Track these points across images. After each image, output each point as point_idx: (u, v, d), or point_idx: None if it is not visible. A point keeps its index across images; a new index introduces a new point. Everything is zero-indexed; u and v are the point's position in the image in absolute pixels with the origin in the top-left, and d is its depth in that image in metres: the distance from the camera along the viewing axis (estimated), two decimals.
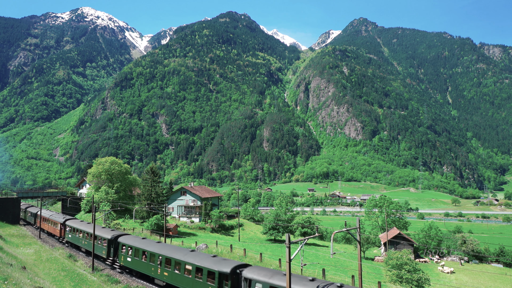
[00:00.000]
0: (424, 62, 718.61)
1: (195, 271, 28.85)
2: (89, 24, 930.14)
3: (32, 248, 48.39)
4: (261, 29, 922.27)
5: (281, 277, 23.20)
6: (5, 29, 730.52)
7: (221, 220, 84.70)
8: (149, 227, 65.99)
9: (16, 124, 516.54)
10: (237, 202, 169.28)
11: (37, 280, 28.22)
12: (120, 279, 35.70)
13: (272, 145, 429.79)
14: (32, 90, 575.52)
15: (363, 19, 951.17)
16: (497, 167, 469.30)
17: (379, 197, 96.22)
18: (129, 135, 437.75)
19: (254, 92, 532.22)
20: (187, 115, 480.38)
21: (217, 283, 26.59)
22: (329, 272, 42.48)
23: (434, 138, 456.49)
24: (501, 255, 78.22)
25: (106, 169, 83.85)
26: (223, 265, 27.19)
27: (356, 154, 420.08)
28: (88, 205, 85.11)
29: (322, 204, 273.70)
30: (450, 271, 61.78)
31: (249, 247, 60.54)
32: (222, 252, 48.30)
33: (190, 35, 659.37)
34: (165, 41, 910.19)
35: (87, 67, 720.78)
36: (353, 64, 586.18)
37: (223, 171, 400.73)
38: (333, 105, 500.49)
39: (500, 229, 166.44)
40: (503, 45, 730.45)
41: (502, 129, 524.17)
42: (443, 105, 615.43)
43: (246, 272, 25.24)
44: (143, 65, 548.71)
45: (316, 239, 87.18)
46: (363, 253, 71.62)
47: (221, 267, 26.98)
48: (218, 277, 26.66)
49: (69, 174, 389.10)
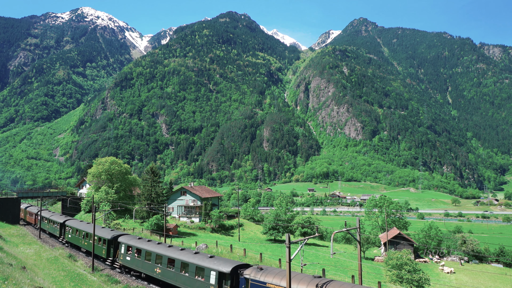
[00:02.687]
0: (424, 62, 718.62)
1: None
2: (89, 24, 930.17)
3: (32, 248, 48.40)
4: (261, 29, 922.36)
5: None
6: (5, 29, 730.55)
7: (221, 220, 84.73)
8: (149, 227, 65.98)
9: (16, 124, 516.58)
10: (237, 202, 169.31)
11: (37, 280, 28.22)
12: (120, 279, 35.72)
13: (272, 145, 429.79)
14: (32, 90, 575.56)
15: (363, 19, 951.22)
16: (497, 167, 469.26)
17: (379, 197, 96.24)
18: (129, 135, 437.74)
19: (254, 92, 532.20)
20: (187, 115, 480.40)
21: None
22: (329, 272, 42.48)
23: (434, 138, 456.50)
24: (501, 255, 78.26)
25: (106, 169, 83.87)
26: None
27: (356, 154, 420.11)
28: (88, 205, 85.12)
29: (322, 204, 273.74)
30: (450, 271, 61.78)
31: (249, 247, 60.55)
32: (222, 252, 48.29)
33: (190, 35, 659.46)
34: (165, 41, 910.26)
35: (87, 67, 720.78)
36: (353, 64, 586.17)
37: (223, 171, 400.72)
38: (333, 105, 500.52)
39: (500, 229, 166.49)
40: (503, 45, 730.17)
41: (502, 129, 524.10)
42: (443, 105, 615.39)
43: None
44: (143, 65, 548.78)
45: (316, 239, 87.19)
46: (363, 253, 71.62)
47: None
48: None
49: (69, 174, 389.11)
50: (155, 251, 34.10)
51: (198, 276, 28.74)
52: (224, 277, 26.67)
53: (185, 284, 29.75)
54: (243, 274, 25.64)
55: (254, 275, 24.65)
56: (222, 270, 26.80)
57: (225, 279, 26.58)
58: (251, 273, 25.08)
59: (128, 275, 37.84)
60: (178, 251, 32.36)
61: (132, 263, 36.77)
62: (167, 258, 32.09)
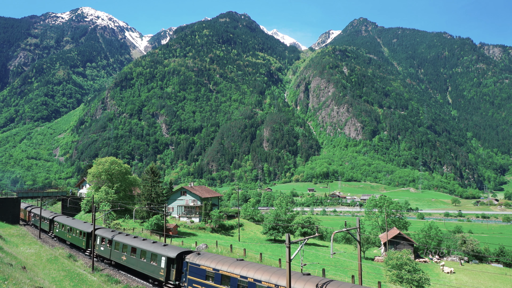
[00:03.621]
0: (424, 62, 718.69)
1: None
2: (89, 24, 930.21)
3: (32, 248, 48.40)
4: (261, 29, 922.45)
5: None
6: (5, 29, 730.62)
7: (221, 220, 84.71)
8: (149, 227, 65.95)
9: (16, 124, 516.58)
10: (237, 202, 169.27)
11: (37, 280, 28.23)
12: (120, 279, 35.73)
13: (272, 145, 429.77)
14: (32, 90, 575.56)
15: (363, 19, 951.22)
16: (497, 167, 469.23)
17: (379, 197, 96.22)
18: (129, 135, 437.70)
19: (254, 92, 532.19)
20: (187, 115, 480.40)
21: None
22: (329, 272, 42.48)
23: (434, 138, 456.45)
24: (501, 255, 78.26)
25: (106, 169, 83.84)
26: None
27: (356, 154, 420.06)
28: (88, 205, 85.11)
29: (322, 204, 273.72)
30: (450, 271, 61.79)
31: (249, 247, 60.55)
32: (222, 252, 48.29)
33: (190, 35, 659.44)
34: (165, 41, 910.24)
35: (87, 67, 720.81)
36: (353, 64, 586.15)
37: (223, 171, 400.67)
38: (333, 105, 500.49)
39: (500, 229, 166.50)
40: (503, 45, 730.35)
41: (502, 129, 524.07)
42: (443, 105, 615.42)
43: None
44: (143, 65, 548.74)
45: (316, 239, 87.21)
46: (363, 253, 71.63)
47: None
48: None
49: (69, 174, 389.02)
50: (121, 241, 39.17)
51: (153, 261, 33.75)
52: (172, 261, 31.90)
53: (143, 268, 34.88)
54: (185, 259, 30.66)
55: (193, 259, 29.86)
56: (170, 256, 31.97)
57: (172, 263, 31.84)
58: (190, 257, 30.25)
59: (102, 262, 42.89)
60: (140, 241, 37.45)
61: (105, 252, 41.85)
62: (130, 247, 37.35)
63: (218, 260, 28.00)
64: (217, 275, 26.88)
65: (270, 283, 23.19)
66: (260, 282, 23.51)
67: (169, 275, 32.00)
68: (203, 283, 27.71)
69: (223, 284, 26.43)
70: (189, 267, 29.70)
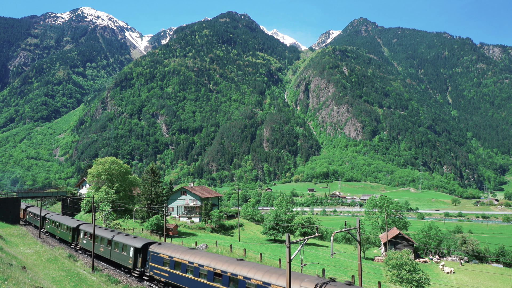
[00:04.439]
0: (424, 62, 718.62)
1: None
2: (89, 24, 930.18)
3: (32, 248, 48.40)
4: (261, 29, 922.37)
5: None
6: (5, 29, 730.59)
7: (221, 220, 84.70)
8: (149, 227, 65.93)
9: (16, 124, 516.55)
10: (237, 202, 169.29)
11: (37, 280, 28.23)
12: (120, 279, 35.73)
13: (272, 145, 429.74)
14: (32, 90, 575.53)
15: (363, 19, 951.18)
16: (497, 167, 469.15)
17: (379, 197, 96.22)
18: (129, 135, 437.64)
19: (254, 92, 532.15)
20: (187, 115, 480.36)
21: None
22: (329, 272, 42.49)
23: (434, 138, 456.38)
24: (501, 255, 78.24)
25: (106, 169, 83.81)
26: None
27: (356, 154, 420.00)
28: (88, 205, 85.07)
29: (322, 204, 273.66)
30: (450, 271, 61.79)
31: (249, 247, 60.55)
32: (222, 252, 48.29)
33: (190, 35, 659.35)
34: (165, 41, 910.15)
35: (87, 67, 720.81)
36: (353, 64, 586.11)
37: (223, 171, 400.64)
38: (333, 105, 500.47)
39: (500, 229, 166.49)
40: (503, 45, 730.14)
41: (502, 129, 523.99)
42: (443, 105, 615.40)
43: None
44: (143, 65, 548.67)
45: (316, 239, 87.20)
46: (363, 253, 71.63)
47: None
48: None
49: (69, 174, 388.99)
50: (100, 234, 43.24)
51: (124, 252, 37.94)
52: (138, 251, 36.12)
53: (116, 258, 39.28)
54: (149, 248, 35.04)
55: (154, 248, 34.27)
56: (136, 246, 36.22)
57: (138, 253, 36.10)
58: (153, 247, 34.67)
59: (85, 254, 47.23)
60: (115, 234, 41.52)
61: (86, 245, 46.28)
62: (107, 240, 41.53)
63: (173, 249, 32.72)
64: (172, 261, 31.46)
65: (209, 267, 27.53)
66: (202, 267, 28.18)
67: (136, 263, 36.35)
68: (161, 268, 32.54)
69: (176, 269, 30.92)
70: (151, 256, 34.10)
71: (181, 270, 30.23)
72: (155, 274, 33.10)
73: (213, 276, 26.89)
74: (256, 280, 23.20)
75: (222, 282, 25.82)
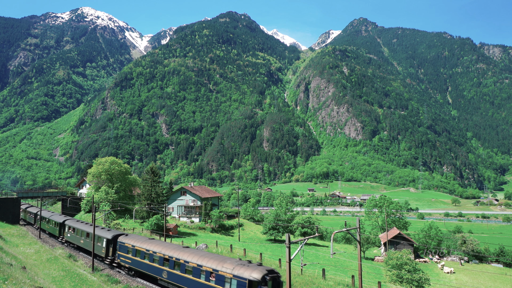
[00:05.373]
0: (424, 62, 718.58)
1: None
2: (89, 24, 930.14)
3: (32, 248, 48.41)
4: (261, 29, 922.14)
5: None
6: (5, 29, 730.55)
7: (221, 220, 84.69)
8: (149, 227, 65.93)
9: (16, 124, 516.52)
10: (237, 202, 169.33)
11: (37, 280, 28.24)
12: (120, 279, 35.72)
13: (272, 145, 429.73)
14: (32, 90, 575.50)
15: (363, 19, 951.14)
16: (497, 167, 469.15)
17: (379, 197, 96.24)
18: (129, 135, 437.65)
19: (254, 92, 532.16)
20: (187, 115, 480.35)
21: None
22: (329, 272, 42.47)
23: (434, 138, 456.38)
24: (501, 255, 78.27)
25: (106, 169, 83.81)
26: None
27: (356, 154, 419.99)
28: (88, 205, 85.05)
29: (322, 204, 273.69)
30: (450, 271, 61.79)
31: (249, 247, 60.55)
32: (222, 252, 48.29)
33: (190, 35, 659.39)
34: (165, 41, 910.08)
35: (87, 67, 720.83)
36: (353, 64, 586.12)
37: (223, 171, 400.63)
38: (333, 105, 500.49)
39: (500, 229, 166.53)
40: (503, 45, 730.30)
41: (502, 129, 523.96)
42: (443, 105, 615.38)
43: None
44: (143, 65, 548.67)
45: (316, 239, 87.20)
46: (363, 253, 71.64)
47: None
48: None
49: (69, 174, 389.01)
50: (79, 228, 48.35)
51: (98, 243, 42.71)
52: (109, 242, 41.06)
53: (91, 248, 43.34)
54: (118, 239, 39.79)
55: (122, 239, 39.13)
56: (108, 237, 41.29)
57: (110, 243, 41.07)
58: (121, 238, 39.46)
59: (70, 247, 51.53)
60: (94, 227, 44.79)
61: (70, 238, 51.54)
62: (86, 233, 46.42)
63: (136, 239, 37.64)
64: (134, 250, 36.43)
65: (160, 253, 32.68)
66: (155, 253, 33.35)
67: (108, 252, 41.36)
68: (126, 256, 37.59)
69: (136, 256, 35.98)
70: (119, 245, 39.09)
71: (140, 256, 35.38)
72: (122, 261, 38.30)
73: (163, 261, 32.20)
74: (192, 263, 28.76)
75: (169, 265, 31.30)
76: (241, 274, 24.48)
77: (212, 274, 26.59)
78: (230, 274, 25.12)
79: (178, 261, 30.37)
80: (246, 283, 23.82)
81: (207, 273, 27.15)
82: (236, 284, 24.48)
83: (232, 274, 25.02)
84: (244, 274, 24.29)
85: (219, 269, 26.14)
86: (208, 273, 27.07)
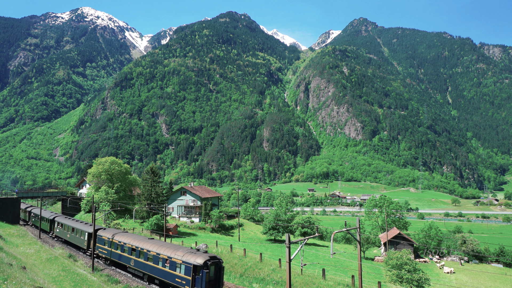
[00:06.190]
0: (424, 62, 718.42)
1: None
2: (89, 24, 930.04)
3: (32, 248, 48.38)
4: (261, 29, 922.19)
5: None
6: (5, 29, 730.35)
7: (221, 220, 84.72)
8: (149, 227, 65.93)
9: (16, 124, 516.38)
10: (237, 202, 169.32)
11: (37, 280, 28.23)
12: (120, 279, 35.73)
13: (272, 145, 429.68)
14: (32, 90, 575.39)
15: (363, 19, 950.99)
16: (497, 167, 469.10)
17: (379, 197, 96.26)
18: (129, 135, 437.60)
19: (254, 92, 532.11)
20: (187, 115, 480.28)
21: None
22: (329, 272, 42.47)
23: (434, 138, 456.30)
24: (501, 255, 78.28)
25: (106, 169, 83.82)
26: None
27: (356, 154, 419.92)
28: (88, 205, 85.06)
29: (322, 204, 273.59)
30: (450, 271, 61.79)
31: (249, 247, 60.54)
32: (222, 252, 48.27)
33: (190, 35, 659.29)
34: (165, 41, 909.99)
35: (87, 67, 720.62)
36: (353, 64, 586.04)
37: (223, 171, 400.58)
38: (333, 105, 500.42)
39: (500, 229, 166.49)
40: (503, 45, 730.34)
41: (502, 129, 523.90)
42: (443, 105, 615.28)
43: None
44: (143, 65, 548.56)
45: (316, 239, 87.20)
46: (363, 253, 71.63)
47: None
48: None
49: (69, 174, 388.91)
50: (67, 224, 52.44)
51: (82, 236, 47.16)
52: (90, 235, 45.36)
53: (75, 241, 49.16)
54: (97, 233, 43.65)
55: (100, 233, 43.41)
56: (89, 231, 45.71)
57: (90, 236, 45.34)
58: (100, 232, 43.64)
59: (65, 244, 53.79)
60: (78, 223, 50.74)
61: (59, 233, 55.33)
62: (71, 228, 50.65)
63: (112, 232, 41.72)
64: (109, 241, 40.87)
65: (130, 244, 36.91)
66: (125, 244, 37.59)
67: (89, 244, 45.63)
68: (103, 247, 42.16)
69: (111, 247, 40.29)
70: (98, 238, 43.46)
71: (114, 247, 39.71)
72: (100, 252, 42.73)
73: (131, 251, 36.60)
74: (153, 252, 33.28)
75: (135, 254, 35.78)
76: (188, 260, 29.07)
77: (167, 260, 31.25)
78: (180, 260, 29.78)
79: (142, 250, 34.93)
80: (191, 267, 28.35)
81: (163, 260, 31.87)
82: (184, 268, 29.12)
83: (181, 260, 29.64)
84: (190, 260, 28.87)
85: (172, 256, 30.81)
86: (164, 260, 31.77)
